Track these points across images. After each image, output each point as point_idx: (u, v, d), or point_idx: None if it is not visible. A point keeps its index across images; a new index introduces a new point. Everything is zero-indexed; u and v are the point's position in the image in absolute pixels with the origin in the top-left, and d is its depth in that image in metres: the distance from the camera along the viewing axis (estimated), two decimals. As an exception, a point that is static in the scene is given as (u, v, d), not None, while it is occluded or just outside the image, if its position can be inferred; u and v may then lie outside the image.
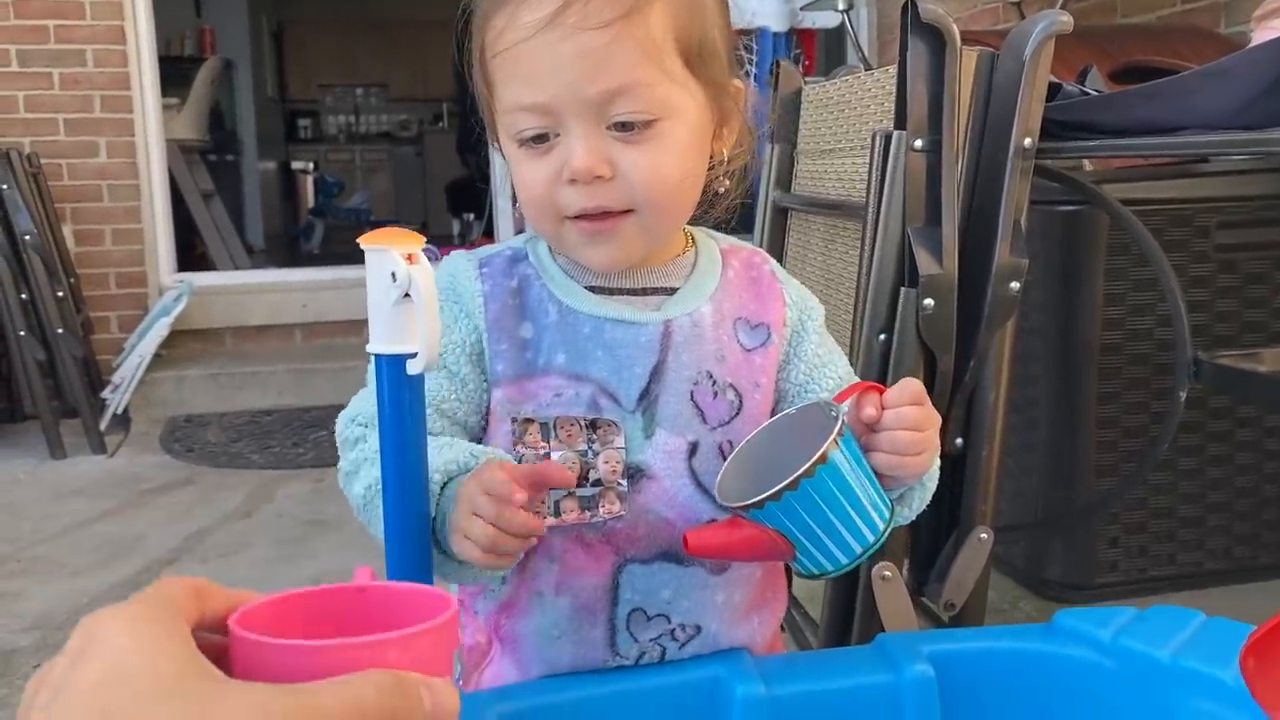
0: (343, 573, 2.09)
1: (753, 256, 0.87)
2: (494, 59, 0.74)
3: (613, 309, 0.78)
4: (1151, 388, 1.83)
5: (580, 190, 0.73)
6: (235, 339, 4.04)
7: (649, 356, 0.78)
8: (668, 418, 0.77)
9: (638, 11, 0.71)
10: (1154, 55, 2.03)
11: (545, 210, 0.75)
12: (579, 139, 0.72)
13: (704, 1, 0.77)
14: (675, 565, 0.78)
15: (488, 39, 0.75)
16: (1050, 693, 0.72)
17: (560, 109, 0.72)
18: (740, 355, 0.81)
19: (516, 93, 0.73)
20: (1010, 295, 1.17)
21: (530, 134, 0.73)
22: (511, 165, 0.77)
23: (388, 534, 0.62)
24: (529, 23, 0.71)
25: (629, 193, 0.74)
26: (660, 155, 0.74)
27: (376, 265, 0.58)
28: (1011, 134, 1.15)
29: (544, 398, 0.77)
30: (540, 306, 0.78)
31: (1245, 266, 1.84)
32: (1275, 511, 1.91)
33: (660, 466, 0.77)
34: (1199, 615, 0.72)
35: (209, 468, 3.01)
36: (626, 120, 0.72)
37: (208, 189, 5.15)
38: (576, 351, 0.77)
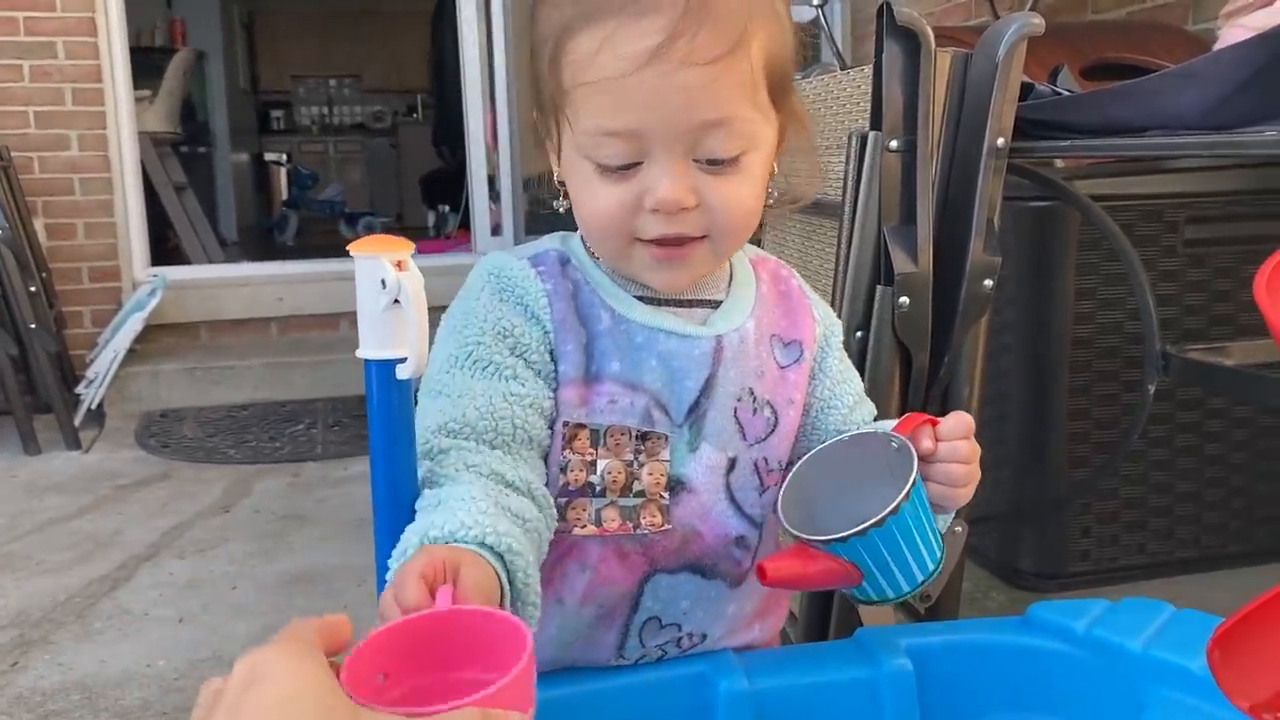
0: (321, 568, 2.09)
1: (779, 269, 0.87)
2: (583, 84, 0.70)
3: (666, 320, 0.78)
4: (1122, 380, 1.86)
5: (661, 218, 0.72)
6: (210, 333, 4.02)
7: (702, 370, 0.78)
8: (713, 433, 0.78)
9: (742, 46, 0.70)
10: (1124, 52, 2.06)
11: (617, 232, 0.74)
12: (667, 171, 0.71)
13: (784, 19, 0.75)
14: (699, 577, 0.78)
15: (572, 55, 0.71)
16: (1025, 684, 0.74)
17: (651, 138, 0.70)
18: (777, 372, 0.81)
19: (605, 119, 0.70)
20: (984, 292, 1.19)
21: (616, 162, 0.71)
22: (578, 181, 0.75)
23: (379, 540, 0.63)
24: (631, 54, 0.68)
25: (708, 221, 0.73)
26: (742, 187, 0.73)
27: (366, 272, 0.59)
28: (985, 134, 1.16)
29: (599, 404, 0.76)
30: (592, 312, 0.77)
31: (1214, 261, 1.87)
32: (1243, 501, 1.95)
33: (700, 481, 0.78)
34: (1168, 607, 0.75)
35: (185, 463, 3.00)
36: (718, 156, 0.71)
37: (180, 181, 5.11)
38: (631, 360, 0.76)
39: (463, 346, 0.74)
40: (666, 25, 0.67)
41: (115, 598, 2.07)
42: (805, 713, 0.72)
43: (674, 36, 0.67)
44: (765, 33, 0.72)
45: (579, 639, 0.78)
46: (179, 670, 1.77)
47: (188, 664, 1.79)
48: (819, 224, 1.43)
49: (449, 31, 4.63)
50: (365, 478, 2.45)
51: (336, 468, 2.92)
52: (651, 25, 0.68)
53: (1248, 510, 1.95)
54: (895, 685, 0.73)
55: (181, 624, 1.95)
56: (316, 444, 3.14)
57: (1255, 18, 1.71)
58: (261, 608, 2.01)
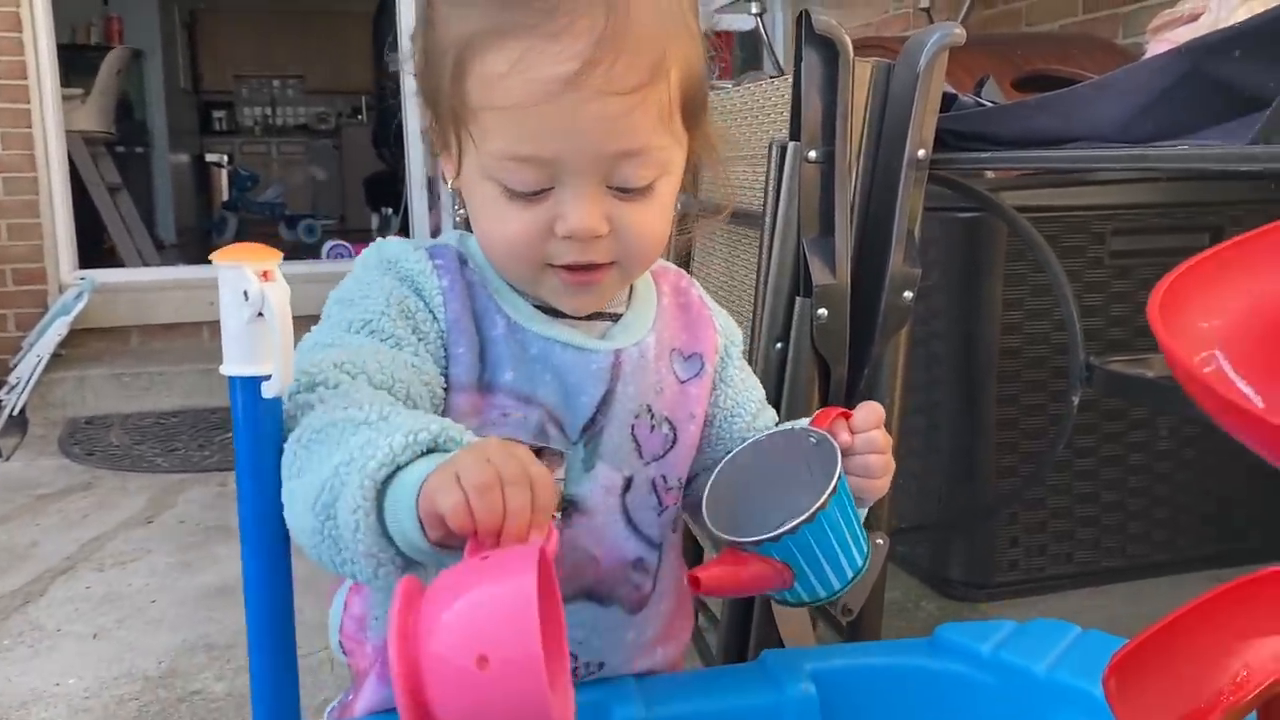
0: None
1: (680, 280, 0.85)
2: (491, 107, 0.66)
3: (563, 332, 0.74)
4: (1049, 390, 1.87)
5: (572, 245, 0.69)
6: (141, 337, 3.93)
7: (599, 386, 0.75)
8: (609, 451, 0.75)
9: (660, 74, 0.67)
10: (1055, 64, 2.08)
11: (526, 258, 0.71)
12: (580, 198, 0.68)
13: (698, 40, 0.72)
14: (595, 605, 0.76)
15: (478, 74, 0.67)
16: (931, 708, 0.72)
17: (563, 166, 0.67)
18: (677, 387, 0.79)
19: (515, 145, 0.67)
20: (904, 304, 1.18)
21: (525, 189, 0.68)
22: (482, 202, 0.71)
23: (246, 561, 0.60)
24: (544, 80, 0.64)
25: (619, 248, 0.70)
26: (652, 212, 0.71)
27: (229, 282, 0.56)
28: (906, 145, 1.15)
29: (491, 415, 0.72)
30: (487, 317, 0.73)
31: (1138, 272, 1.88)
32: (1166, 510, 1.97)
33: (595, 501, 0.75)
34: (1074, 628, 0.74)
35: (109, 471, 2.92)
36: (632, 185, 0.69)
37: (114, 182, 4.99)
38: (525, 372, 0.73)
39: (360, 316, 0.70)
40: (583, 51, 0.64)
41: (26, 613, 2.00)
42: (704, 740, 0.70)
43: (591, 64, 0.64)
44: (682, 56, 0.69)
45: None
46: (89, 689, 1.71)
47: (98, 682, 1.73)
48: (743, 233, 1.41)
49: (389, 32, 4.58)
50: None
51: (266, 476, 2.86)
52: (567, 50, 0.64)
53: (1171, 519, 1.97)
54: (799, 710, 0.71)
55: (95, 640, 1.89)
56: (246, 452, 3.07)
57: (1180, 33, 1.73)
58: (180, 622, 1.95)
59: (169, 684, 1.72)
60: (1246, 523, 2.01)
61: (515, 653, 0.46)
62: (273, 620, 0.60)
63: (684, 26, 0.70)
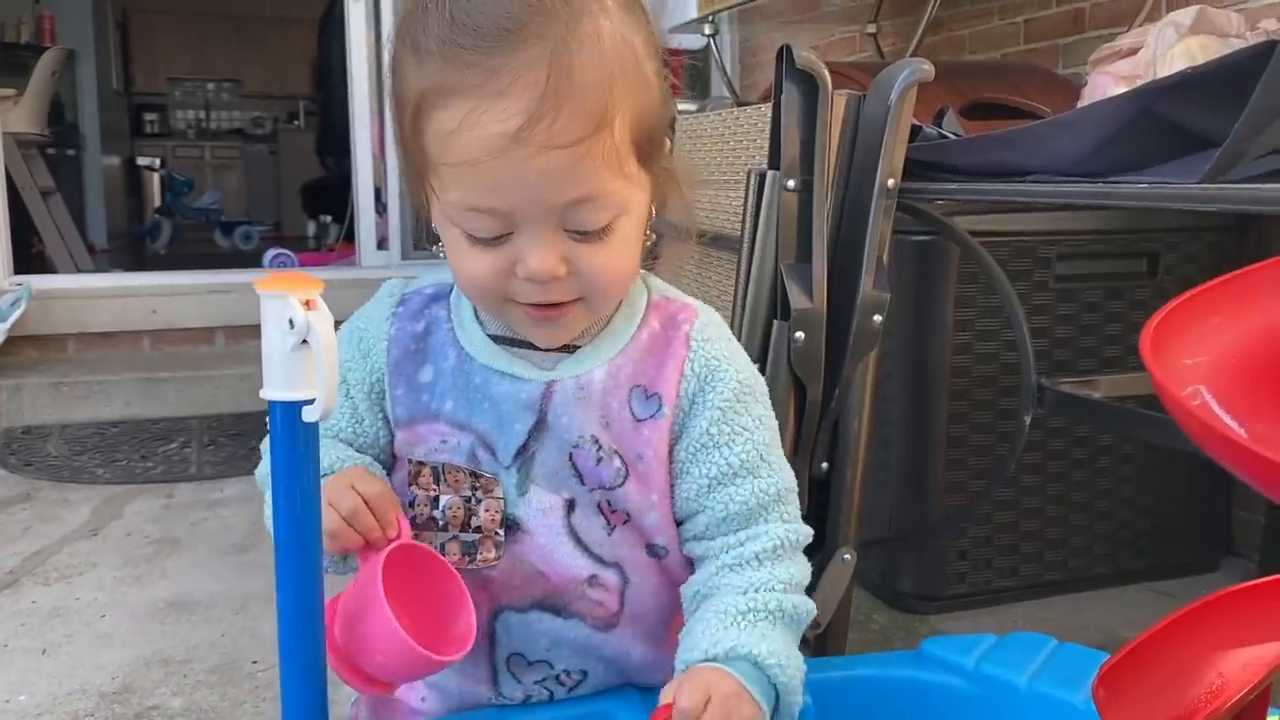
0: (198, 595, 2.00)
1: (680, 313, 0.81)
2: (445, 163, 0.70)
3: (505, 362, 0.79)
4: (997, 409, 1.94)
5: (533, 285, 0.72)
6: (78, 346, 3.84)
7: (528, 414, 0.78)
8: (543, 476, 0.78)
9: (605, 124, 0.69)
10: (1001, 93, 2.15)
11: (492, 295, 0.75)
12: (536, 243, 0.71)
13: (652, 85, 0.74)
14: (553, 616, 0.79)
15: (432, 129, 0.70)
16: (918, 718, 0.76)
17: (519, 215, 0.70)
18: (630, 424, 0.78)
19: (469, 197, 0.70)
20: (873, 327, 1.22)
21: (485, 235, 0.71)
22: (451, 248, 0.75)
23: (281, 582, 0.61)
24: (489, 137, 0.67)
25: (581, 285, 0.73)
26: (613, 251, 0.73)
27: (273, 310, 0.58)
28: (876, 174, 1.20)
29: (432, 442, 0.79)
30: (442, 350, 0.79)
31: (1081, 296, 1.96)
32: (1107, 525, 2.04)
33: (534, 522, 0.78)
34: (1052, 641, 0.78)
35: (49, 483, 2.86)
36: (587, 229, 0.71)
37: (47, 185, 4.88)
38: (465, 400, 0.78)
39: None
40: (525, 108, 0.66)
41: (-29, 628, 1.96)
42: (707, 750, 0.72)
43: (533, 120, 0.66)
44: (629, 103, 0.71)
45: (449, 671, 0.78)
46: (41, 705, 1.69)
47: (50, 699, 1.70)
48: (716, 256, 1.45)
49: (336, 38, 4.55)
50: (243, 500, 2.38)
51: (212, 489, 2.82)
52: (511, 107, 0.67)
53: (1111, 534, 2.05)
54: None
55: (45, 655, 1.86)
56: (191, 464, 3.03)
57: (1120, 66, 1.81)
58: (132, 637, 1.92)
59: (124, 700, 1.70)
60: (1181, 538, 2.10)
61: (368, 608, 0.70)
62: (305, 640, 0.62)
63: (633, 73, 0.72)
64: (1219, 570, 2.12)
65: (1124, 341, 1.99)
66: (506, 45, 0.67)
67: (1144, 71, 1.71)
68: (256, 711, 1.66)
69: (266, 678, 1.76)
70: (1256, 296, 0.62)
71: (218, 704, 1.68)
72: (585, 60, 0.68)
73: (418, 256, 4.35)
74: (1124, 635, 1.74)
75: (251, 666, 1.79)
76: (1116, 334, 1.98)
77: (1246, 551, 2.14)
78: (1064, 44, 2.60)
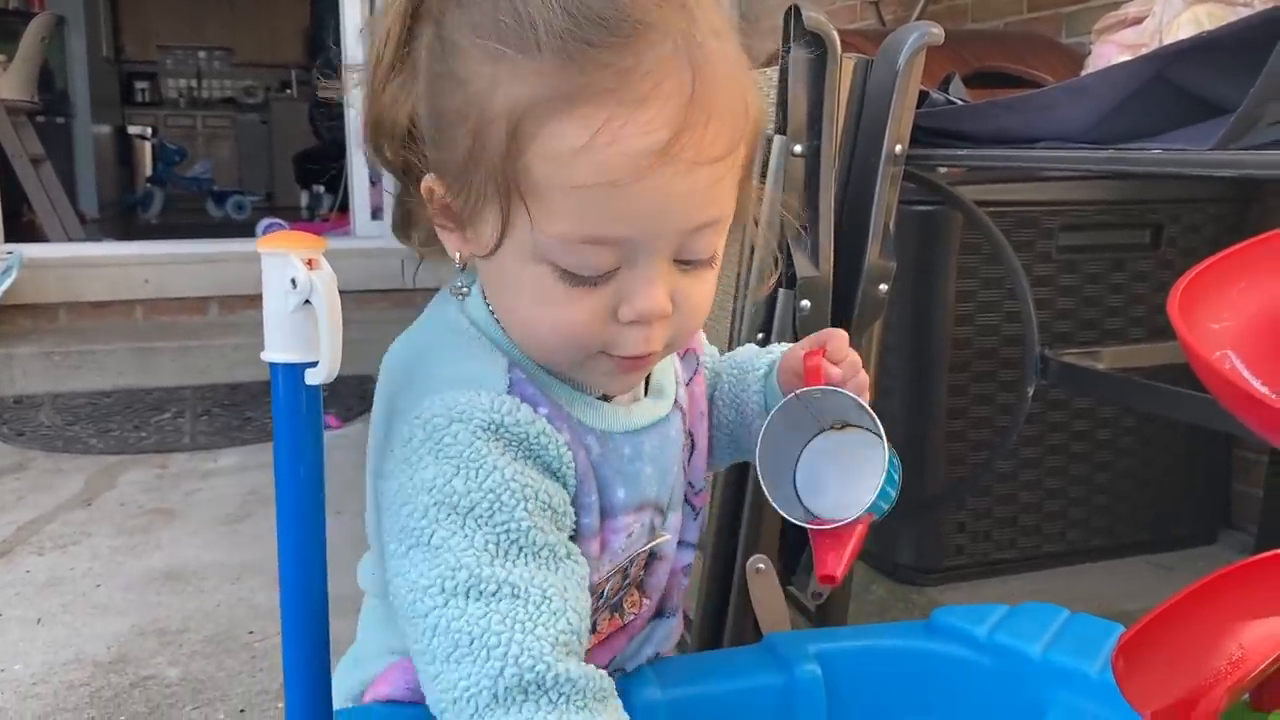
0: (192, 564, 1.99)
1: None
2: (568, 186, 0.57)
3: (638, 415, 0.69)
4: (998, 380, 1.92)
5: (639, 331, 0.61)
6: (70, 315, 3.81)
7: (678, 445, 0.72)
8: (676, 498, 0.73)
9: (742, 135, 0.61)
10: (1004, 62, 2.13)
11: (583, 347, 0.62)
12: (653, 278, 0.59)
13: (758, 83, 0.68)
14: (662, 620, 0.76)
15: (545, 145, 0.57)
16: (930, 689, 0.75)
17: (639, 246, 0.59)
18: (686, 393, 0.75)
19: (590, 226, 0.57)
20: (879, 296, 1.21)
21: (594, 272, 0.59)
22: (530, 292, 0.61)
23: (282, 552, 0.60)
24: (632, 153, 0.55)
25: (676, 328, 0.63)
26: (709, 285, 0.64)
27: (274, 270, 0.56)
28: (884, 140, 1.18)
29: (616, 544, 0.67)
30: (582, 440, 0.65)
31: (1084, 267, 1.94)
32: (1105, 498, 2.04)
33: (669, 545, 0.73)
34: (1064, 611, 0.77)
35: (42, 452, 2.84)
36: (701, 257, 0.62)
37: (37, 153, 4.83)
38: (629, 478, 0.67)
39: (504, 532, 0.59)
40: (671, 118, 0.56)
41: (-34, 597, 1.95)
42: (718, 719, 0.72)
43: (681, 132, 0.56)
44: (757, 106, 0.63)
45: None
46: (36, 675, 1.68)
47: (45, 668, 1.70)
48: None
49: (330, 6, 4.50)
50: (236, 470, 2.36)
51: (206, 459, 2.81)
52: (655, 118, 0.56)
53: (1109, 506, 2.04)
54: (805, 691, 0.73)
55: (40, 625, 1.85)
56: (184, 434, 3.01)
57: (1125, 35, 1.79)
58: (127, 607, 1.92)
59: (120, 669, 1.69)
60: (1180, 511, 2.09)
61: None
62: (309, 609, 0.60)
63: (749, 70, 0.63)
64: (1217, 543, 2.12)
65: (1126, 313, 1.97)
66: (640, 41, 0.56)
67: (1149, 40, 1.69)
68: (253, 681, 1.65)
69: (263, 648, 1.75)
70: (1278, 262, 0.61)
71: (214, 674, 1.67)
72: (716, 59, 0.59)
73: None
74: (1123, 607, 1.74)
75: (248, 637, 1.79)
76: (1119, 305, 1.97)
77: (1244, 525, 2.14)
78: (1067, 12, 2.57)
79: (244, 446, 2.89)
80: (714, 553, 1.26)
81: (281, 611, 0.61)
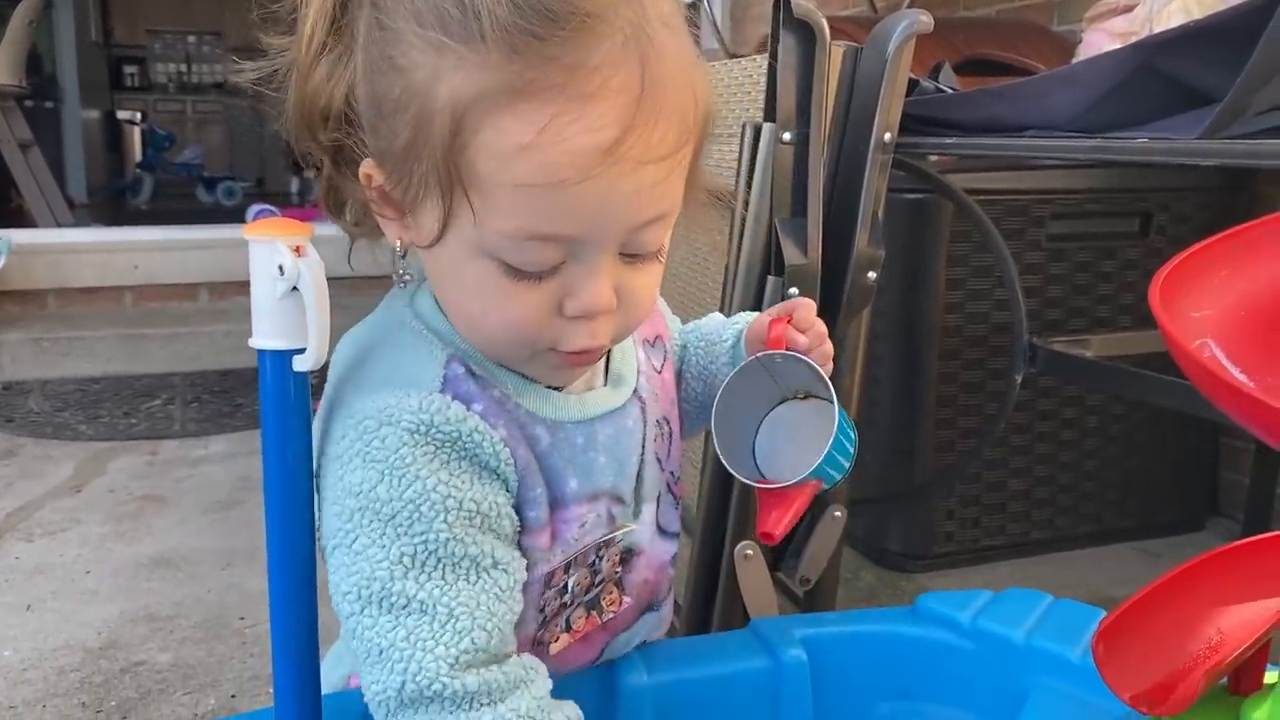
0: (183, 551, 1.98)
1: None
2: (511, 184, 0.56)
3: (590, 405, 0.68)
4: (987, 368, 1.93)
5: (583, 326, 0.60)
6: (59, 301, 3.80)
7: (637, 437, 0.71)
8: (648, 489, 0.72)
9: (690, 130, 0.59)
10: (995, 50, 2.13)
11: (529, 343, 0.61)
12: (597, 273, 0.59)
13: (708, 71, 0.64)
14: (650, 613, 0.76)
15: (490, 140, 0.55)
16: (914, 674, 0.76)
17: (585, 242, 0.58)
18: (657, 380, 0.75)
19: (535, 224, 0.56)
20: (868, 284, 1.21)
21: (538, 268, 0.58)
22: (474, 286, 0.60)
23: (270, 538, 0.60)
24: (579, 152, 0.54)
25: (621, 322, 0.63)
26: (654, 277, 0.64)
27: (261, 257, 0.56)
28: (873, 128, 1.18)
29: (568, 535, 0.66)
30: (529, 431, 0.64)
31: (1073, 256, 1.95)
32: (1093, 485, 2.05)
33: (645, 537, 0.72)
34: (1047, 597, 0.78)
35: (31, 439, 2.83)
36: (648, 250, 0.61)
37: (26, 138, 4.80)
38: (582, 468, 0.66)
39: (422, 543, 0.59)
40: (619, 116, 0.55)
41: (-45, 584, 1.95)
42: (704, 704, 0.73)
43: (629, 130, 0.55)
44: (704, 96, 0.61)
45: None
46: (26, 660, 1.68)
47: (36, 654, 1.70)
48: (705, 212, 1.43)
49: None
50: (227, 456, 2.36)
51: (196, 446, 2.81)
52: (604, 115, 0.54)
53: (1098, 493, 2.06)
54: (791, 675, 0.74)
55: (29, 611, 1.85)
56: (175, 421, 3.01)
57: (1115, 23, 1.79)
58: (117, 593, 1.91)
59: (110, 655, 1.69)
60: (1167, 498, 2.11)
61: None
62: (296, 594, 0.61)
63: (697, 59, 0.61)
64: (1204, 530, 2.14)
65: (1115, 301, 1.98)
66: (588, 34, 0.54)
67: (1140, 28, 1.69)
68: (244, 666, 1.65)
69: (253, 634, 1.75)
70: (1260, 251, 0.61)
71: (205, 659, 1.68)
72: (666, 52, 0.57)
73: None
74: (1110, 593, 1.75)
75: (239, 623, 1.79)
76: (1108, 294, 1.98)
77: (1232, 512, 2.15)
78: (1058, 0, 2.57)
79: (234, 433, 2.88)
80: (702, 539, 1.26)
81: (270, 597, 0.61)
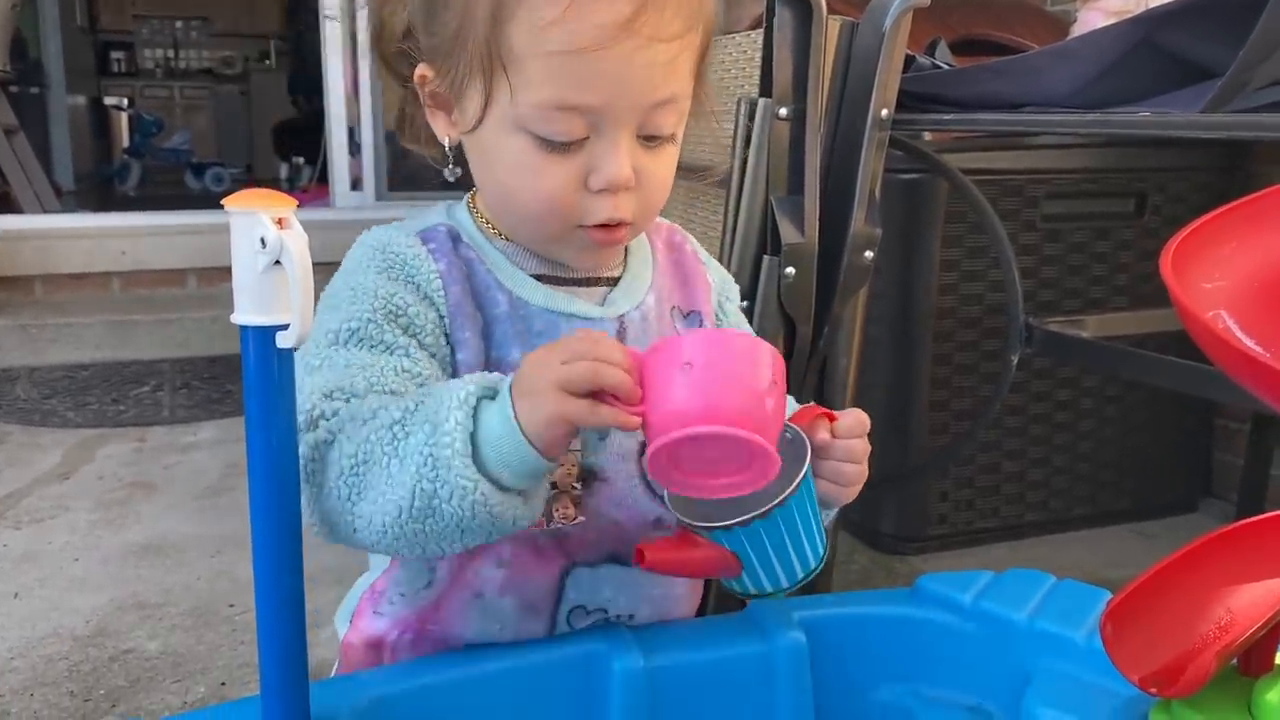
0: (172, 538, 1.96)
1: (672, 235, 0.84)
2: (544, 53, 0.65)
3: (565, 302, 0.74)
4: (981, 350, 1.92)
5: (607, 200, 0.68)
6: (46, 288, 3.77)
7: None
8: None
9: (699, 20, 0.69)
10: (991, 29, 2.11)
11: (559, 216, 0.69)
12: (618, 148, 0.67)
13: None
14: (620, 567, 0.75)
15: (526, 18, 0.65)
16: (915, 656, 0.75)
17: (607, 114, 0.67)
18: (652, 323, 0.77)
19: (561, 93, 0.65)
20: (864, 264, 1.20)
21: (565, 138, 0.67)
22: (508, 157, 0.69)
23: (254, 516, 0.58)
24: (598, 24, 0.64)
25: (640, 202, 0.70)
26: (669, 165, 0.71)
27: (242, 229, 0.54)
28: (869, 104, 1.17)
29: None
30: (488, 295, 0.72)
31: (1068, 236, 1.94)
32: (1087, 466, 2.04)
33: (613, 468, 0.74)
34: (1050, 578, 0.76)
35: (19, 426, 2.81)
36: (662, 133, 0.69)
37: (11, 124, 4.75)
38: (531, 348, 0.69)
39: (346, 322, 0.69)
40: None
41: (-59, 572, 1.93)
42: (701, 687, 0.71)
43: (644, 8, 0.64)
44: (712, 1, 0.71)
45: (505, 629, 0.74)
46: (14, 648, 1.66)
47: (24, 642, 1.68)
48: (702, 190, 1.41)
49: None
50: (215, 443, 2.33)
51: (185, 433, 2.78)
52: None
53: (1092, 475, 2.05)
54: (789, 658, 0.73)
55: (17, 599, 1.83)
56: (163, 407, 2.99)
57: (1110, 2, 1.77)
58: (105, 581, 1.90)
59: (99, 643, 1.68)
60: (1162, 479, 2.10)
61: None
62: (280, 575, 0.59)
63: None
64: (1198, 511, 2.14)
65: (1109, 282, 1.97)
66: None
67: (1134, 6, 1.68)
68: (233, 654, 1.64)
69: (243, 621, 1.74)
70: (1270, 221, 0.60)
71: (194, 647, 1.66)
72: None
73: (392, 197, 4.27)
74: (1106, 575, 1.74)
75: (228, 610, 1.77)
76: (1103, 274, 1.97)
77: (1225, 493, 2.15)
78: (1053, -20, 2.55)
79: (223, 420, 2.86)
80: (697, 522, 1.25)
81: (255, 583, 0.60)
